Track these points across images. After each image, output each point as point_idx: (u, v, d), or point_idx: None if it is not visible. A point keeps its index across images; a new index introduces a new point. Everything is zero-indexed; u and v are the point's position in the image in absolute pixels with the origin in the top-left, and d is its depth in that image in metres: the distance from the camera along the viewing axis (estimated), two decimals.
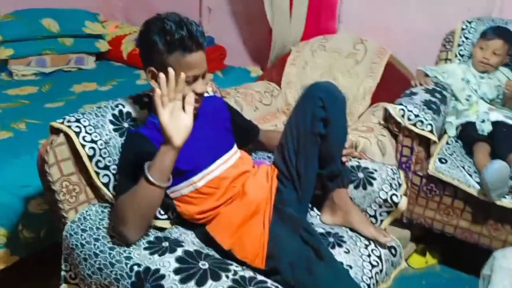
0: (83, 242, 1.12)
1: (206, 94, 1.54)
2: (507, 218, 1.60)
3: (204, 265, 1.03)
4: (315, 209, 1.44)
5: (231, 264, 1.07)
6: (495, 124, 1.81)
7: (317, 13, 2.50)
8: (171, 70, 1.02)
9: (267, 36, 2.62)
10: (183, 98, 1.03)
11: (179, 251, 1.06)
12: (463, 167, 1.67)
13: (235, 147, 1.35)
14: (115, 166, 1.23)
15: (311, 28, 2.53)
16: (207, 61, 1.19)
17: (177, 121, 1.01)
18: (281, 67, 2.51)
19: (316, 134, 1.27)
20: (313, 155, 1.30)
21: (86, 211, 1.19)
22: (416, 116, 1.65)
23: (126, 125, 1.29)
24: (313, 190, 1.36)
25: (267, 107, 2.35)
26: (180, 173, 1.18)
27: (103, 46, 2.86)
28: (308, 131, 1.27)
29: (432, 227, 1.78)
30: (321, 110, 1.24)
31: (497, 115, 1.85)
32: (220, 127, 1.35)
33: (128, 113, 1.31)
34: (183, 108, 1.03)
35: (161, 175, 1.03)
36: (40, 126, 1.81)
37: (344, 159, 1.36)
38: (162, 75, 1.02)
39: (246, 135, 1.47)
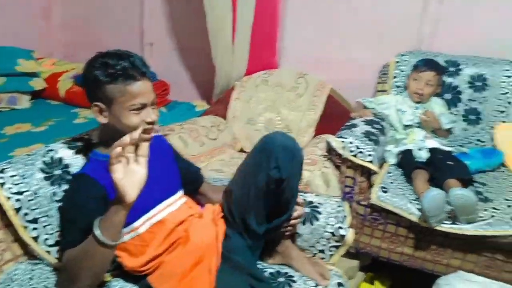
0: None
1: None
2: (448, 242, 1.65)
3: None
4: None
5: None
6: (432, 151, 1.89)
7: (259, 49, 2.55)
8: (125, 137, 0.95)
9: (211, 70, 2.63)
10: (136, 147, 0.97)
11: None
12: (404, 195, 1.72)
13: (181, 191, 1.31)
14: (46, 218, 1.15)
15: (254, 63, 2.57)
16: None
17: (132, 176, 0.94)
18: (227, 101, 2.52)
19: (267, 192, 1.20)
20: (262, 209, 1.24)
21: (13, 271, 1.09)
22: (357, 147, 1.70)
23: (58, 172, 1.21)
24: (263, 241, 1.31)
25: (214, 141, 2.32)
26: None
27: (38, 84, 2.73)
28: (260, 188, 1.20)
29: (379, 255, 1.80)
30: (276, 171, 1.17)
31: (433, 142, 1.94)
32: (165, 167, 1.30)
33: (61, 159, 1.24)
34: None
35: (113, 234, 0.97)
36: None
37: (293, 221, 1.33)
38: (117, 149, 0.94)
39: (189, 183, 1.39)
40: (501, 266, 1.60)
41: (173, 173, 1.32)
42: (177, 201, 1.27)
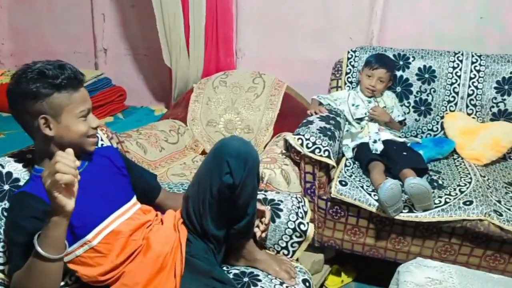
0: None
1: (101, 143, 1.47)
2: (408, 231, 1.71)
3: None
4: None
5: None
6: (386, 143, 1.95)
7: (215, 50, 2.55)
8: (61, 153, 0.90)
9: (168, 74, 2.60)
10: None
11: None
12: (362, 187, 1.76)
13: (134, 198, 1.28)
14: None
15: (211, 65, 2.57)
16: (95, 104, 1.18)
17: (66, 186, 0.90)
18: (185, 104, 2.50)
19: (222, 198, 1.21)
20: (218, 214, 1.24)
21: None
22: (314, 143, 1.73)
23: (7, 187, 1.16)
24: (224, 244, 1.31)
25: (174, 145, 2.30)
26: (72, 233, 1.09)
27: None
28: (214, 194, 1.20)
29: (342, 247, 1.84)
30: (228, 176, 1.17)
31: (387, 135, 2.00)
32: (115, 177, 1.27)
33: (9, 174, 1.19)
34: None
35: (57, 247, 0.94)
36: None
37: (258, 233, 1.33)
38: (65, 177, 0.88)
39: (145, 193, 1.36)
40: (457, 250, 1.67)
41: (124, 182, 1.29)
42: (130, 209, 1.24)
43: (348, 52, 2.28)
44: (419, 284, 1.27)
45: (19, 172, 1.21)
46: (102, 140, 1.48)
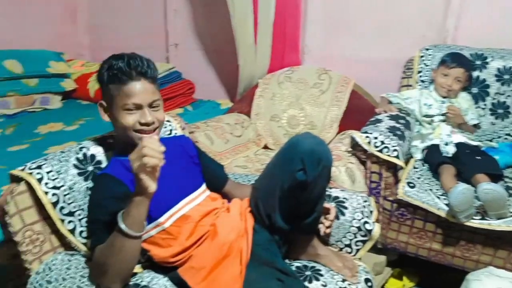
0: None
1: (175, 133, 1.55)
2: (478, 238, 1.63)
3: None
4: None
5: None
6: (458, 145, 1.87)
7: (281, 46, 2.56)
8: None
9: (235, 69, 2.66)
10: None
11: None
12: (431, 190, 1.70)
13: (203, 186, 1.33)
14: (80, 212, 1.20)
15: (276, 61, 2.59)
16: (166, 96, 1.23)
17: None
18: (250, 99, 2.54)
19: (292, 193, 1.21)
20: (286, 209, 1.25)
21: (51, 261, 1.14)
22: (382, 142, 1.69)
23: (90, 168, 1.26)
24: (287, 237, 1.33)
25: (238, 138, 2.35)
26: (147, 215, 1.15)
27: (68, 85, 2.83)
28: (285, 189, 1.21)
29: (406, 251, 1.79)
30: (301, 173, 1.17)
31: (460, 137, 1.91)
32: (188, 165, 1.33)
33: (93, 156, 1.29)
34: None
35: (138, 225, 1.01)
36: (3, 172, 1.74)
37: (322, 229, 1.33)
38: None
39: (213, 182, 1.41)
40: None
41: (195, 170, 1.35)
42: (200, 196, 1.30)
43: (421, 50, 2.20)
44: None
45: (102, 155, 1.30)
46: (175, 129, 1.55)
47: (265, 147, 2.45)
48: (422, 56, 2.19)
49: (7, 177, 1.20)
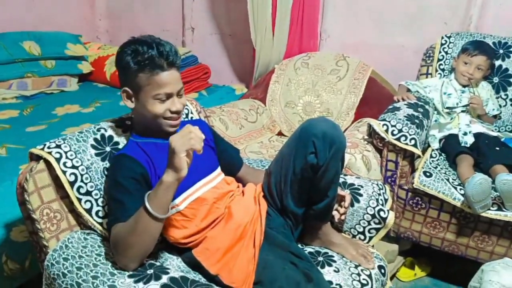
0: (65, 271, 1.08)
1: (191, 116, 1.55)
2: (493, 229, 1.61)
3: None
4: None
5: None
6: (477, 136, 1.83)
7: (299, 32, 2.53)
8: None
9: (251, 54, 2.64)
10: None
11: (164, 278, 1.03)
12: (448, 180, 1.68)
13: (218, 169, 1.34)
14: (97, 191, 1.21)
15: (293, 46, 2.57)
16: (182, 80, 1.20)
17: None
18: (266, 85, 2.53)
19: (304, 177, 1.22)
20: (299, 193, 1.26)
21: (68, 239, 1.16)
22: (400, 131, 1.67)
23: (108, 149, 1.27)
24: (301, 222, 1.33)
25: (253, 124, 2.35)
26: None
27: (85, 67, 2.85)
28: (297, 172, 1.22)
29: (419, 240, 1.78)
30: (313, 156, 1.18)
31: (479, 127, 1.88)
32: (203, 149, 1.33)
33: (110, 137, 1.30)
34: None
35: (164, 208, 1.03)
36: (22, 151, 1.78)
37: (336, 216, 1.33)
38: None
39: (228, 166, 1.41)
40: None
41: (210, 153, 1.35)
42: (215, 179, 1.30)
43: (442, 38, 2.15)
44: (506, 285, 1.21)
45: (119, 136, 1.31)
46: (192, 113, 1.55)
47: (280, 133, 2.44)
48: (443, 44, 2.15)
49: (26, 156, 1.22)
